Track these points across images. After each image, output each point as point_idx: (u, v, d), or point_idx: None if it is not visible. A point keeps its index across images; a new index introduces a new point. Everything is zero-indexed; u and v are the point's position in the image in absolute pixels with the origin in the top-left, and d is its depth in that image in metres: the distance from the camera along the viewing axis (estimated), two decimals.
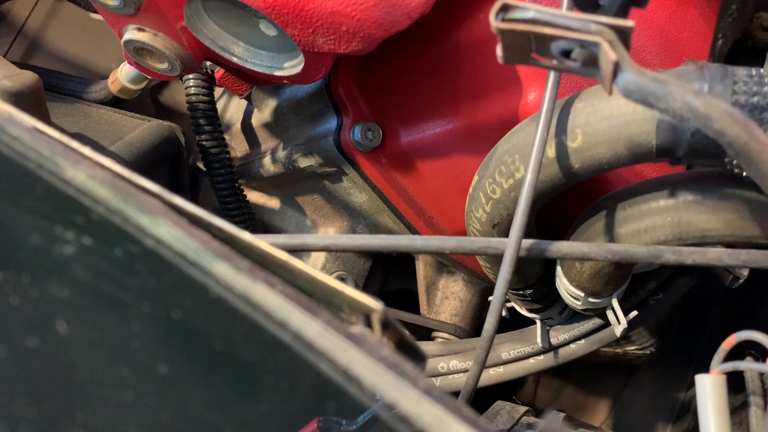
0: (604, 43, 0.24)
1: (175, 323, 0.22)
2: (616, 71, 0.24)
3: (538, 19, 0.25)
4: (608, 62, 0.24)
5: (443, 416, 0.17)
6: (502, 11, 0.26)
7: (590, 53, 0.25)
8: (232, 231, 0.22)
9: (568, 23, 0.25)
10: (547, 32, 0.25)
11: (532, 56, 0.27)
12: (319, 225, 0.72)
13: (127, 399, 0.23)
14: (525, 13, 0.25)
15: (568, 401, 0.87)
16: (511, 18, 0.26)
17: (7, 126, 0.24)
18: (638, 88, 0.24)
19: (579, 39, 0.25)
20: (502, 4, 0.25)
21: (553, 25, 0.25)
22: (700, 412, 0.41)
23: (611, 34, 0.24)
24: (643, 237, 0.40)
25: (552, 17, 0.25)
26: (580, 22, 0.25)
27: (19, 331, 0.25)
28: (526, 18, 0.25)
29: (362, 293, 0.20)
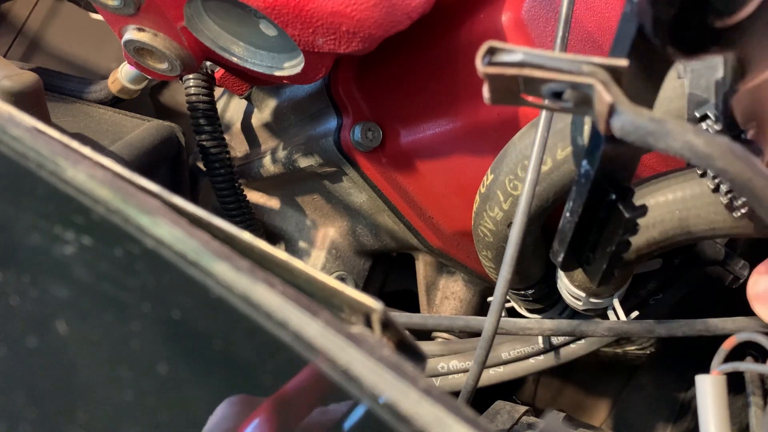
0: (598, 84, 0.23)
1: (175, 323, 0.22)
2: (611, 112, 0.23)
3: (527, 62, 0.24)
4: (603, 104, 0.23)
5: (443, 416, 0.17)
6: (488, 54, 0.25)
7: (583, 94, 0.24)
8: (232, 231, 0.22)
9: (558, 65, 0.24)
10: (537, 75, 0.24)
11: (522, 97, 0.26)
12: (319, 225, 0.72)
13: (127, 399, 0.23)
14: (513, 56, 0.25)
15: (568, 401, 0.86)
16: (499, 62, 0.25)
17: (7, 126, 0.24)
18: (635, 129, 0.23)
19: (571, 81, 0.24)
20: (489, 47, 0.25)
21: (542, 67, 0.24)
22: (700, 413, 0.41)
23: (604, 75, 0.24)
24: (651, 231, 0.40)
25: (541, 59, 0.24)
26: (571, 63, 0.24)
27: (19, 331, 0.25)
28: (514, 61, 0.24)
29: (362, 293, 0.20)
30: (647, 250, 0.42)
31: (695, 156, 0.22)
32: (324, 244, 0.71)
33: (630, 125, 0.23)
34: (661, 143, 0.23)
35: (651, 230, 0.40)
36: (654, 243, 0.41)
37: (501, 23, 0.47)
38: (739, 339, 0.41)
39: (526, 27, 0.47)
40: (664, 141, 0.22)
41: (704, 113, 0.34)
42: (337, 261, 0.71)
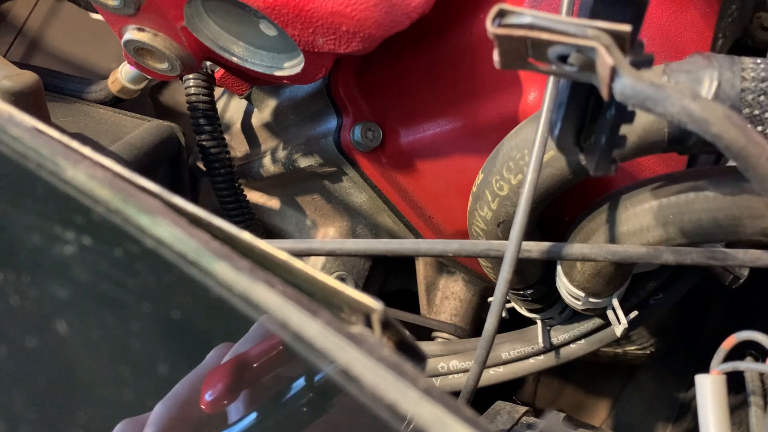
0: (601, 47, 0.24)
1: (175, 323, 0.22)
2: (612, 76, 0.24)
3: (535, 24, 0.25)
4: (605, 67, 0.24)
5: (443, 416, 0.17)
6: (498, 17, 0.25)
7: (587, 58, 0.25)
8: (232, 231, 0.22)
9: (564, 28, 0.25)
10: (544, 37, 0.25)
11: (529, 61, 0.27)
12: (319, 225, 0.72)
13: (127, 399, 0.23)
14: (522, 18, 0.25)
15: (568, 401, 0.87)
16: (508, 23, 0.25)
17: (7, 126, 0.24)
18: (635, 93, 0.24)
19: (576, 44, 0.25)
20: (499, 9, 0.25)
21: (549, 30, 0.25)
22: (700, 412, 0.41)
23: (608, 39, 0.24)
24: (645, 235, 0.40)
25: (549, 22, 0.25)
26: (577, 27, 0.25)
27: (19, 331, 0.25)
28: (523, 23, 0.25)
29: (362, 293, 0.20)
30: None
31: (691, 121, 0.23)
32: None
33: (630, 89, 0.24)
34: (660, 107, 0.23)
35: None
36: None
37: None
38: (739, 338, 0.41)
39: None
40: (662, 105, 0.23)
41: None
42: (337, 261, 0.71)
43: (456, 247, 0.40)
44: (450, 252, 0.40)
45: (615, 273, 0.45)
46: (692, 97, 0.23)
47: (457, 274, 0.71)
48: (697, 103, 0.23)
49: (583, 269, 0.45)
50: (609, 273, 0.45)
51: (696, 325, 0.78)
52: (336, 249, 0.40)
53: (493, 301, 0.41)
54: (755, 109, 0.34)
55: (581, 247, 0.39)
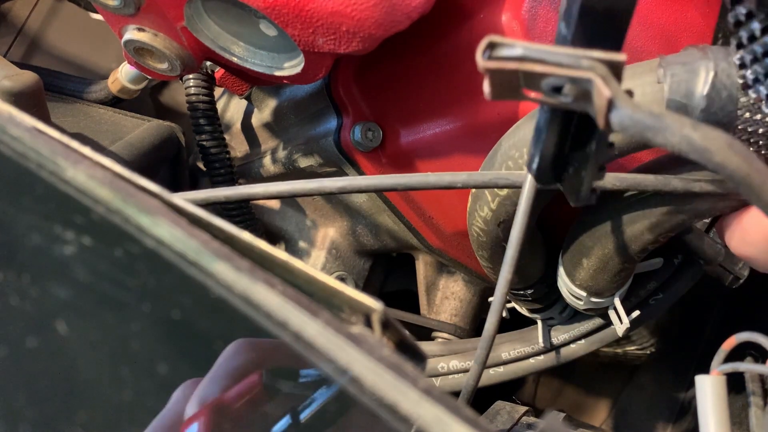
0: (597, 78, 0.24)
1: (175, 323, 0.22)
2: (610, 106, 0.24)
3: (527, 56, 0.24)
4: (602, 98, 0.24)
5: (443, 416, 0.17)
6: (488, 49, 0.25)
7: (582, 88, 0.25)
8: (232, 231, 0.22)
9: (558, 59, 0.24)
10: (537, 69, 0.24)
11: (522, 92, 0.26)
12: (319, 225, 0.72)
13: (127, 399, 0.23)
14: (513, 50, 0.25)
15: (568, 401, 0.87)
16: (499, 56, 0.25)
17: (7, 126, 0.24)
18: (634, 123, 0.23)
19: (570, 75, 0.24)
20: (489, 41, 0.25)
21: (542, 62, 0.24)
22: (700, 413, 0.41)
23: (603, 69, 0.24)
24: (655, 231, 0.40)
25: (541, 53, 0.24)
26: (570, 57, 0.24)
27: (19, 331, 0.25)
28: (514, 56, 0.25)
29: (362, 293, 0.20)
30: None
31: (693, 150, 0.22)
32: (324, 244, 0.71)
33: (628, 120, 0.23)
34: (660, 138, 0.23)
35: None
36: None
37: (501, 23, 0.47)
38: (739, 339, 0.41)
39: (527, 27, 0.47)
40: (662, 135, 0.23)
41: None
42: (337, 261, 0.71)
43: (464, 178, 0.39)
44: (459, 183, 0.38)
45: (621, 266, 0.45)
46: (692, 126, 0.22)
47: (457, 274, 0.71)
48: (698, 132, 0.22)
49: (588, 264, 0.45)
50: (615, 267, 0.44)
51: (696, 325, 0.78)
52: (285, 191, 0.40)
53: (494, 301, 0.41)
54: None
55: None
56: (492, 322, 0.42)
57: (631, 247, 0.43)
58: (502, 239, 0.47)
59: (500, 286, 0.40)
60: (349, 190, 0.40)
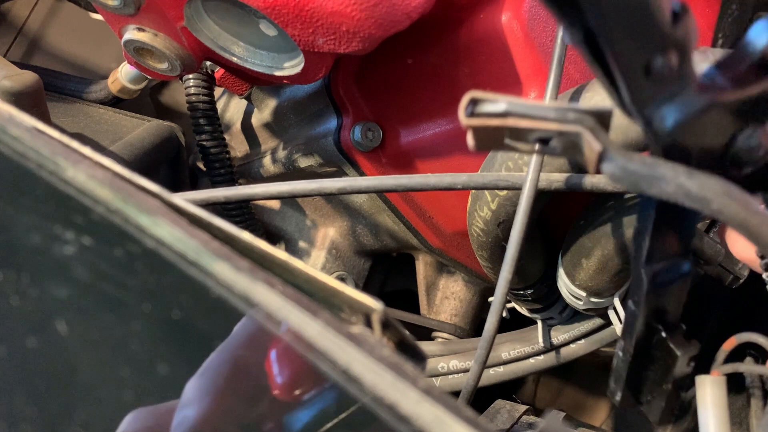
0: (586, 132, 0.23)
1: (175, 323, 0.22)
2: (601, 159, 0.23)
3: (512, 112, 0.24)
4: (592, 151, 0.23)
5: (443, 416, 0.17)
6: (470, 104, 0.24)
7: (570, 140, 0.24)
8: (232, 231, 0.22)
9: (543, 114, 0.23)
10: (522, 125, 0.24)
11: (508, 144, 0.25)
12: (319, 225, 0.72)
13: (127, 399, 0.23)
14: (496, 106, 0.24)
15: (568, 401, 0.86)
16: (482, 112, 0.24)
17: (7, 126, 0.24)
18: (626, 175, 0.22)
19: (557, 130, 0.23)
20: (470, 97, 0.24)
21: (528, 116, 0.24)
22: (700, 413, 0.41)
23: (591, 121, 0.23)
24: None
25: (526, 108, 0.24)
26: (557, 111, 0.23)
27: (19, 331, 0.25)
28: (498, 112, 0.24)
29: (362, 293, 0.20)
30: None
31: (689, 199, 0.22)
32: (324, 244, 0.71)
33: (620, 171, 0.23)
34: (654, 188, 0.22)
35: None
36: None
37: (501, 23, 0.47)
38: (740, 340, 0.41)
39: (526, 27, 0.47)
40: (657, 186, 0.22)
41: None
42: (337, 261, 0.71)
43: (464, 180, 0.39)
44: (459, 184, 0.38)
45: (621, 267, 0.45)
46: (688, 175, 0.22)
47: (457, 274, 0.71)
48: (694, 181, 0.21)
49: (588, 265, 0.45)
50: (614, 267, 0.45)
51: (696, 325, 0.78)
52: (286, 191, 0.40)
53: (494, 301, 0.41)
54: None
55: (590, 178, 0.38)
56: (492, 322, 0.42)
57: (631, 248, 0.43)
58: (502, 239, 0.47)
59: (500, 286, 0.40)
60: (349, 191, 0.40)
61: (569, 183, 0.39)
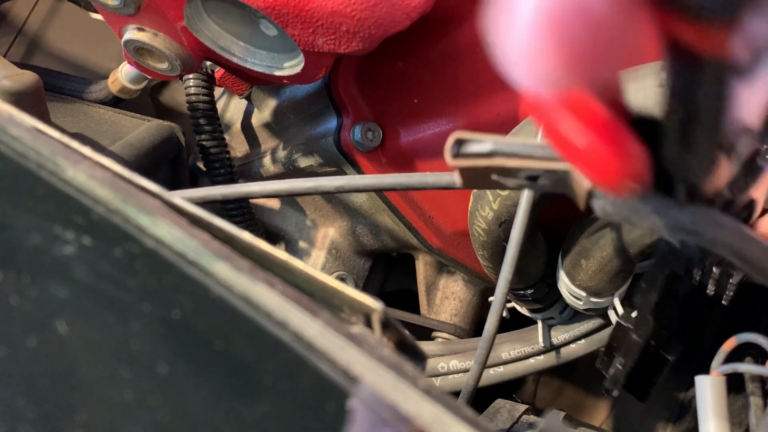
0: (574, 170, 0.22)
1: (175, 323, 0.22)
2: (590, 196, 0.23)
3: (498, 151, 0.23)
4: (581, 188, 0.23)
5: (443, 416, 0.17)
6: (456, 145, 0.23)
7: (559, 177, 0.23)
8: (232, 231, 0.22)
9: (531, 152, 0.23)
10: (510, 165, 0.23)
11: (495, 182, 0.24)
12: (319, 225, 0.72)
13: (127, 399, 0.23)
14: (482, 146, 0.23)
15: (568, 401, 0.86)
16: (468, 153, 0.23)
17: (7, 126, 0.24)
18: (617, 210, 0.22)
19: (545, 168, 0.23)
20: (456, 138, 0.23)
21: (515, 156, 0.23)
22: (700, 413, 0.41)
23: None
24: (653, 236, 0.40)
25: (513, 147, 0.23)
26: (544, 150, 0.23)
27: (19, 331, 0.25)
28: (484, 152, 0.23)
29: (362, 293, 0.20)
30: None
31: (682, 232, 0.21)
32: (324, 244, 0.71)
33: (611, 206, 0.22)
34: (646, 222, 0.22)
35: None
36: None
37: None
38: (739, 340, 0.41)
39: None
40: (648, 219, 0.22)
41: None
42: (337, 261, 0.71)
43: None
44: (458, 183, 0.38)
45: (620, 268, 0.45)
46: (679, 209, 0.21)
47: (457, 274, 0.71)
48: (685, 213, 0.21)
49: (587, 266, 0.45)
50: (613, 269, 0.45)
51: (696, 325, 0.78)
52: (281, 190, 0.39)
53: (494, 301, 0.41)
54: None
55: None
56: (492, 322, 0.42)
57: (630, 251, 0.43)
58: (503, 239, 0.47)
59: (500, 286, 0.40)
60: (346, 189, 0.40)
61: None
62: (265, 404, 0.21)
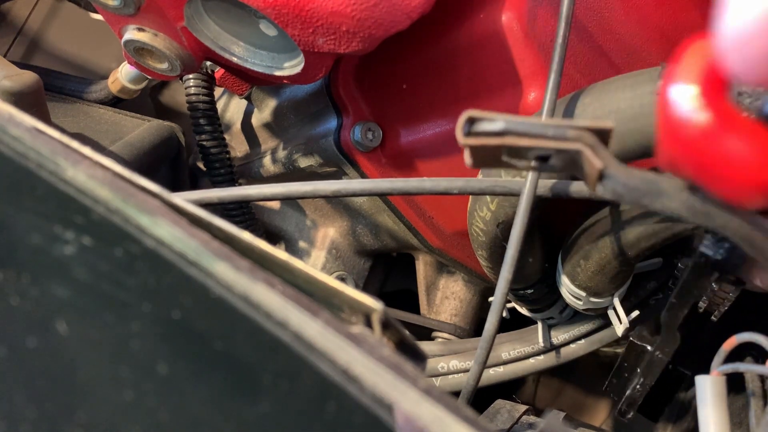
0: (586, 149, 0.23)
1: (175, 323, 0.22)
2: (601, 177, 0.23)
3: (510, 130, 0.23)
4: (592, 168, 0.23)
5: (443, 416, 0.17)
6: (467, 123, 0.23)
7: (570, 158, 0.23)
8: (232, 231, 0.22)
9: (542, 131, 0.23)
10: (521, 144, 0.23)
11: (506, 161, 0.24)
12: (319, 225, 0.72)
13: (127, 399, 0.23)
14: (494, 124, 0.23)
15: (568, 401, 0.86)
16: (479, 131, 0.23)
17: (7, 126, 0.24)
18: (628, 191, 0.22)
19: (556, 147, 0.23)
20: (468, 116, 0.23)
21: (526, 135, 0.23)
22: (700, 413, 0.41)
23: (591, 138, 0.23)
24: (652, 239, 0.40)
25: (524, 126, 0.23)
26: (556, 129, 0.23)
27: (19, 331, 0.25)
28: (496, 130, 0.23)
29: (362, 293, 0.20)
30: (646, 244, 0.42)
31: (693, 214, 0.21)
32: (324, 244, 0.71)
33: (622, 188, 0.22)
34: (657, 204, 0.22)
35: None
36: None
37: (501, 23, 0.47)
38: (740, 340, 0.41)
39: (526, 27, 0.47)
40: (659, 201, 0.22)
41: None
42: (337, 261, 0.71)
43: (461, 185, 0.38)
44: (456, 189, 0.38)
45: (619, 269, 0.45)
46: (690, 190, 0.21)
47: (457, 274, 0.71)
48: (696, 196, 0.21)
49: (586, 266, 0.45)
50: (613, 269, 0.45)
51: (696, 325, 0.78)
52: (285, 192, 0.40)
53: (494, 301, 0.41)
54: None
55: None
56: (492, 322, 0.42)
57: (629, 253, 0.43)
58: (502, 239, 0.47)
59: (500, 286, 0.40)
60: (344, 193, 0.40)
61: (568, 190, 0.39)
62: (265, 404, 0.21)
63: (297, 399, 0.20)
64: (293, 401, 0.20)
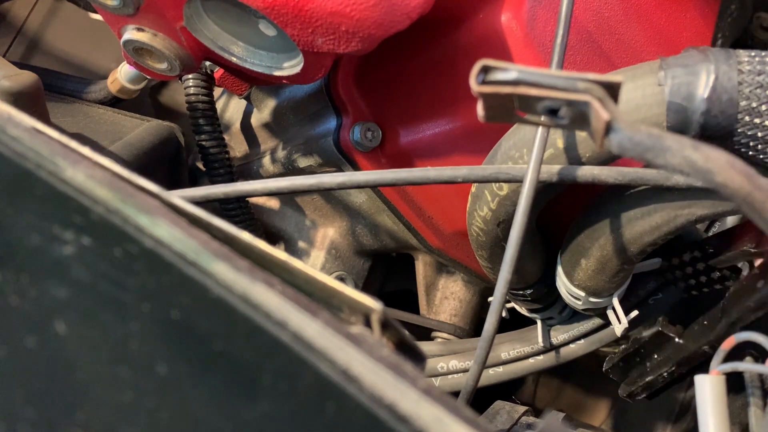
0: (594, 101, 0.23)
1: (175, 323, 0.22)
2: (608, 130, 0.23)
3: (522, 80, 0.24)
4: (600, 121, 0.23)
5: (443, 416, 0.17)
6: (482, 73, 0.24)
7: (579, 111, 0.24)
8: (231, 231, 0.22)
9: (553, 82, 0.24)
10: (533, 93, 0.24)
11: (516, 113, 0.25)
12: (318, 225, 0.72)
13: (126, 399, 0.23)
14: (507, 74, 0.24)
15: (568, 401, 0.86)
16: (493, 80, 0.24)
17: (6, 126, 0.24)
18: (633, 145, 0.23)
19: (566, 99, 0.24)
20: (482, 65, 0.24)
21: (538, 85, 0.24)
22: (700, 413, 0.41)
23: (600, 91, 0.24)
24: (654, 234, 0.40)
25: (536, 77, 0.24)
26: (566, 80, 0.24)
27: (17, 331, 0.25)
28: (509, 80, 0.24)
29: (362, 293, 0.20)
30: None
31: (694, 171, 0.22)
32: (323, 244, 0.71)
33: (628, 142, 0.23)
34: (660, 159, 0.22)
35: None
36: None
37: (500, 23, 0.47)
38: (739, 339, 0.41)
39: (526, 27, 0.47)
40: (662, 157, 0.22)
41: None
42: (337, 261, 0.71)
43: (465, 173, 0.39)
44: (460, 177, 0.39)
45: (620, 268, 0.45)
46: (693, 147, 0.22)
47: (456, 274, 0.71)
48: (699, 152, 0.22)
49: (587, 265, 0.45)
50: (613, 268, 0.45)
51: None
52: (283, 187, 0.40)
53: (493, 301, 0.41)
54: (753, 101, 0.34)
55: (591, 169, 0.39)
56: (492, 322, 0.42)
57: (630, 249, 0.43)
58: (502, 239, 0.47)
59: (500, 286, 0.40)
60: (348, 185, 0.40)
61: (571, 174, 0.39)
62: (264, 404, 0.21)
63: (296, 399, 0.20)
64: (293, 401, 0.20)
